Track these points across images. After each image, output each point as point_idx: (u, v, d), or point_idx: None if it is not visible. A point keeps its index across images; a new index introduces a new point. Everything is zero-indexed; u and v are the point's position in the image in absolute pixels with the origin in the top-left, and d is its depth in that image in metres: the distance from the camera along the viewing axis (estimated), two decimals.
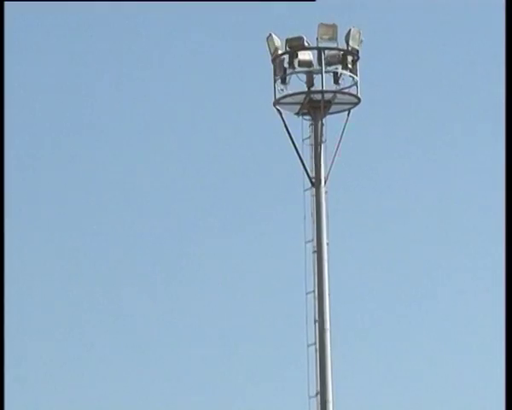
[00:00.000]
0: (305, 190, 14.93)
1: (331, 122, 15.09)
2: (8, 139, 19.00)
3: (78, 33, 43.37)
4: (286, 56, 14.61)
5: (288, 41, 14.58)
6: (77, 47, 43.10)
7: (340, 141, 14.91)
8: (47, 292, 31.76)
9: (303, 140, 15.03)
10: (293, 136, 14.97)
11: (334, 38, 14.64)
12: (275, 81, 14.75)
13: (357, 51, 14.71)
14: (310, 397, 14.11)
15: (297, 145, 14.94)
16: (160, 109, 31.86)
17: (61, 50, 42.06)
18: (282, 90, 14.83)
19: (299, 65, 14.62)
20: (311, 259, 14.74)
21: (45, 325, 31.50)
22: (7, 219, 17.71)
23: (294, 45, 14.54)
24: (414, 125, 28.58)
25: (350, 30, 14.61)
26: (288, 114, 15.03)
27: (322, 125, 14.88)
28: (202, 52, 29.77)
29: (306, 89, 14.79)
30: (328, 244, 14.82)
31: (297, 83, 14.91)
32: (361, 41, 14.66)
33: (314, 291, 14.52)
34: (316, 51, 14.61)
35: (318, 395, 14.05)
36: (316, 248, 14.71)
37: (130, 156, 32.01)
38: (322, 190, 14.82)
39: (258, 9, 17.59)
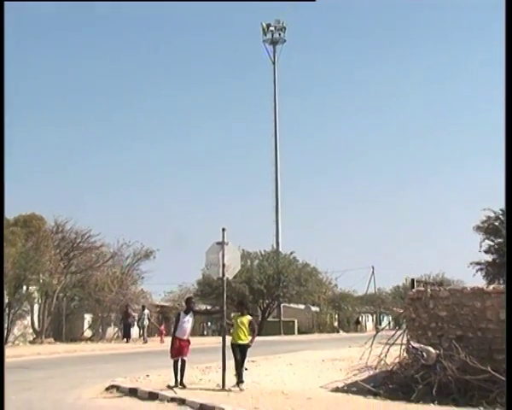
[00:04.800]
0: (271, 65, 53.48)
1: (278, 47, 53.91)
2: None
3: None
4: (265, 28, 53.59)
5: (267, 24, 53.73)
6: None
7: (280, 51, 53.74)
8: None
9: (271, 52, 54.03)
10: (269, 51, 54.02)
11: (280, 22, 53.66)
12: (262, 34, 54.09)
13: (286, 27, 53.68)
14: None
15: (270, 53, 54.09)
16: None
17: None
18: (264, 37, 53.87)
19: (269, 30, 53.71)
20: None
21: None
22: None
23: (268, 25, 53.64)
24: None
25: (283, 21, 53.82)
26: (267, 45, 54.01)
27: (276, 47, 53.64)
28: (227, 22, 76.64)
29: (271, 37, 53.65)
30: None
31: (269, 36, 53.76)
32: (287, 23, 53.74)
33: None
34: (274, 26, 53.60)
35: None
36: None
37: None
38: (276, 65, 53.31)
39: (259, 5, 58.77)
